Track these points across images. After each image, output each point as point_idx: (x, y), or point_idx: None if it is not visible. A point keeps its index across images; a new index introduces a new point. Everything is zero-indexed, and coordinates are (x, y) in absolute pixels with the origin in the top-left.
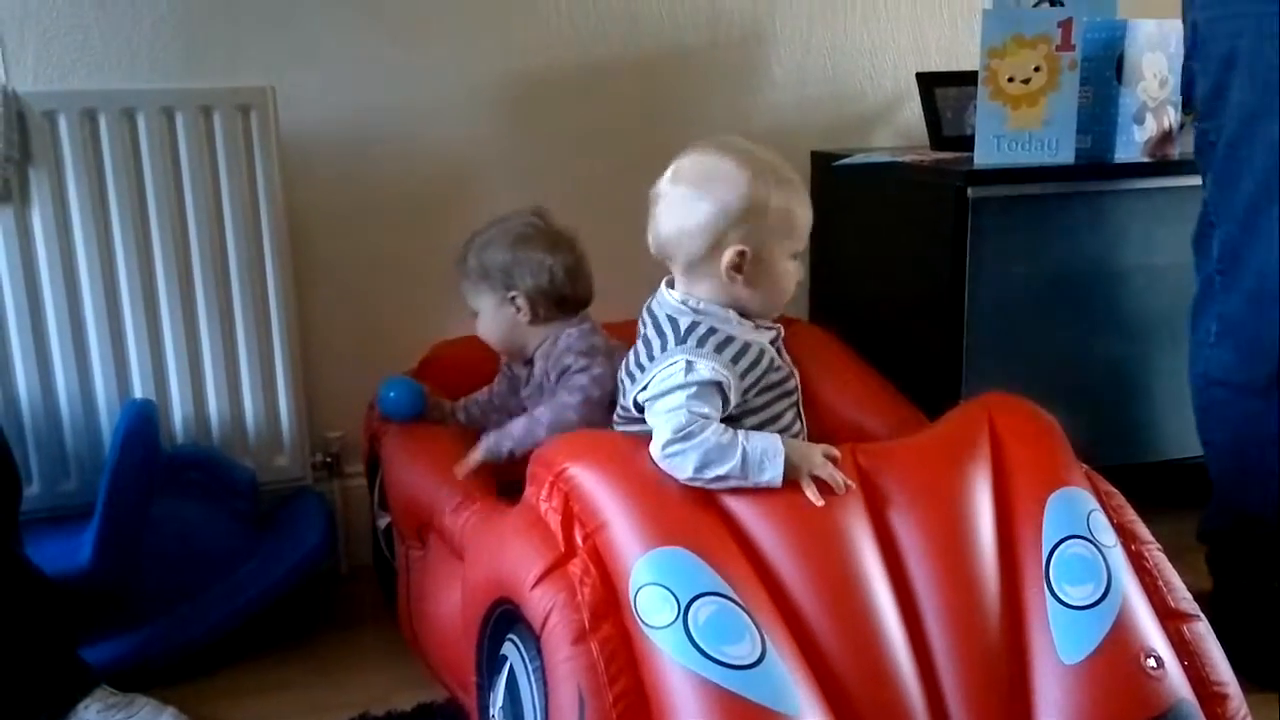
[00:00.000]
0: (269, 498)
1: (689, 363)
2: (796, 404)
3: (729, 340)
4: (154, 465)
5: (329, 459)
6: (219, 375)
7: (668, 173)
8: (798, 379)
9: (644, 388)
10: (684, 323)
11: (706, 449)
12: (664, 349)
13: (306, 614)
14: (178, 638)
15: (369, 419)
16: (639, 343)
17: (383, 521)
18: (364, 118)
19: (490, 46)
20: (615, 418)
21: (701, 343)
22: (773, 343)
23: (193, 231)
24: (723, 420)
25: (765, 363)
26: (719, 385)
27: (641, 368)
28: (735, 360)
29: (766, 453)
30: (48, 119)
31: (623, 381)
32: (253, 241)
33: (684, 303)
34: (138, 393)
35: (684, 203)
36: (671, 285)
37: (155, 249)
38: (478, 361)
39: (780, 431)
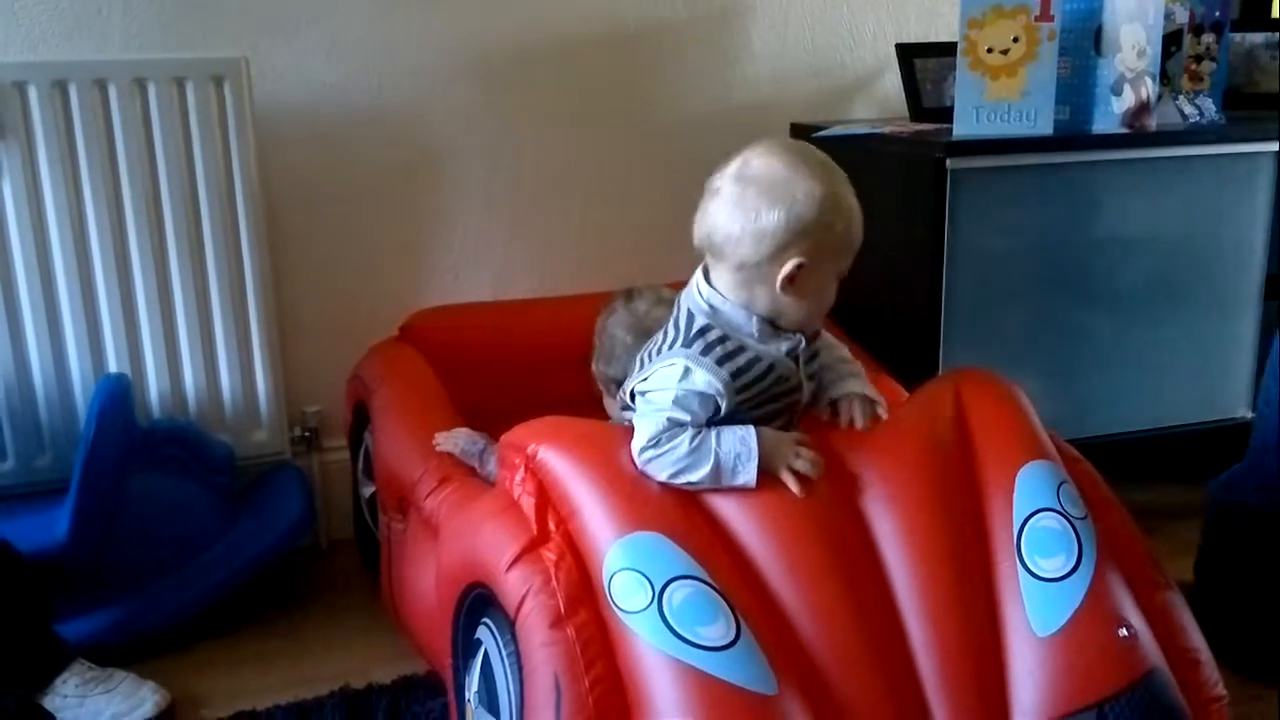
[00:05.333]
0: (247, 472)
1: (687, 369)
2: (795, 409)
3: (738, 350)
4: (130, 440)
5: (307, 433)
6: (195, 349)
7: (732, 168)
8: (809, 389)
9: (644, 380)
10: (697, 323)
11: (678, 458)
12: (670, 346)
13: (286, 588)
14: (155, 613)
15: (352, 388)
16: (662, 330)
17: (367, 490)
18: (340, 89)
19: (466, 19)
20: (620, 404)
21: (707, 350)
22: (790, 353)
23: (166, 204)
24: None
25: (772, 378)
26: (711, 397)
27: (652, 358)
28: (737, 374)
29: (740, 457)
30: (17, 90)
31: (640, 363)
32: (227, 214)
33: (709, 301)
34: (112, 367)
35: (753, 206)
36: (707, 276)
37: (128, 222)
38: (454, 330)
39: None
